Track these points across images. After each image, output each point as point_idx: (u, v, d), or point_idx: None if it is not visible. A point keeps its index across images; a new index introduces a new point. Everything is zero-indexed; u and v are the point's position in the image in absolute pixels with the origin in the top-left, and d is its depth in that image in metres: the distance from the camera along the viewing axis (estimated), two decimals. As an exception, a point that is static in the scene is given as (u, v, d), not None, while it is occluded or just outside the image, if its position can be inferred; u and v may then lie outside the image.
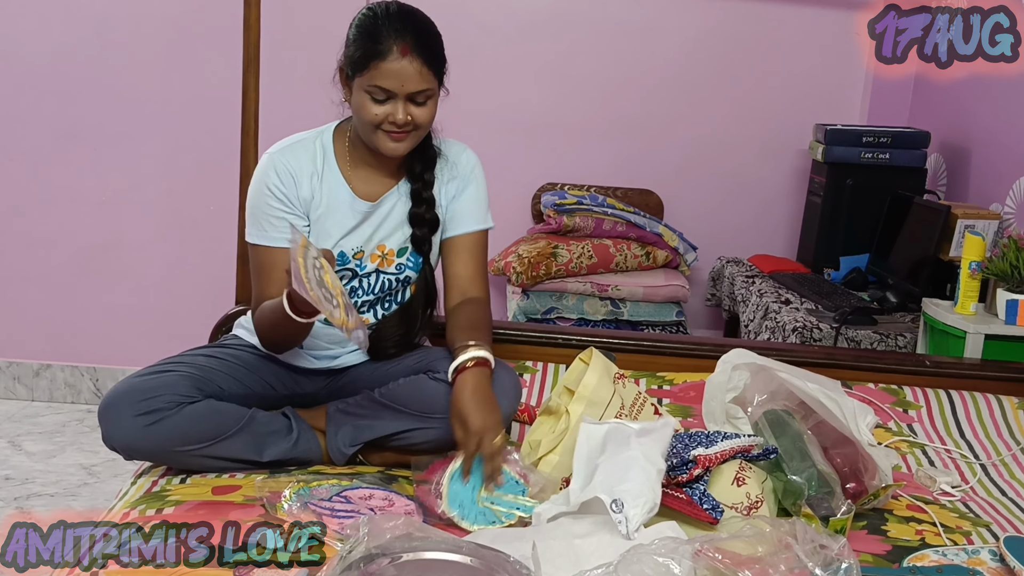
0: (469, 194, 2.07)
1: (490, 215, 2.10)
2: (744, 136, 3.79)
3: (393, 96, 1.87)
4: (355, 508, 1.67)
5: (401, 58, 1.84)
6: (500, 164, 3.63)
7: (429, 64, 1.88)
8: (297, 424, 1.95)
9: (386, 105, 1.88)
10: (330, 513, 1.64)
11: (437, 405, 1.88)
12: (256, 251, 1.98)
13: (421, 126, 1.93)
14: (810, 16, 3.71)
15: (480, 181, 2.08)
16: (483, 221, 2.08)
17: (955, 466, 2.16)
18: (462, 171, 2.07)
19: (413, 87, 1.87)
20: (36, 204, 3.69)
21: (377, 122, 1.89)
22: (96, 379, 3.78)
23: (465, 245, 2.06)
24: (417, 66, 1.86)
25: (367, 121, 1.90)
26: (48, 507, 2.88)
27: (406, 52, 1.85)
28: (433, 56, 1.90)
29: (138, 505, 1.71)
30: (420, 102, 1.90)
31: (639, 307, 3.45)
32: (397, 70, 1.85)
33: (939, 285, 2.91)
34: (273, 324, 1.87)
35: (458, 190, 2.06)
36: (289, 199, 1.96)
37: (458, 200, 2.06)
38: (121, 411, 1.79)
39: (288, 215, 1.95)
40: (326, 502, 1.68)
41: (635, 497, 1.51)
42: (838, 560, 1.36)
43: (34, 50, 3.60)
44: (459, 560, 1.39)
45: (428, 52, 1.88)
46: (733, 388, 1.95)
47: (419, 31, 1.89)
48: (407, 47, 1.85)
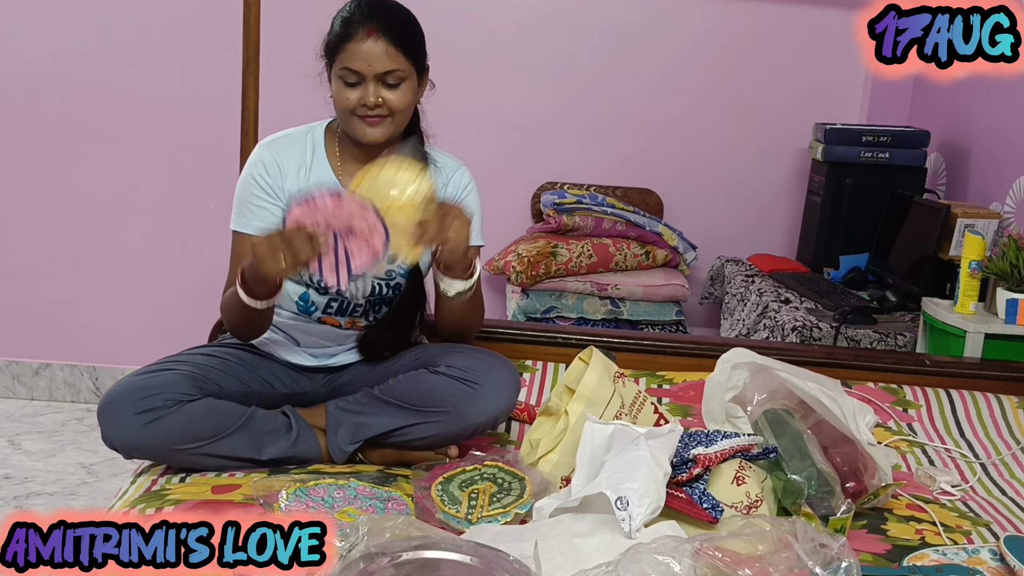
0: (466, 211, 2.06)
1: (480, 234, 2.10)
2: (744, 135, 3.79)
3: (363, 78, 1.90)
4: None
5: (367, 38, 1.89)
6: (500, 163, 3.65)
7: (397, 44, 1.90)
8: (296, 422, 1.95)
9: (357, 89, 1.91)
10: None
11: (437, 399, 1.89)
12: (236, 238, 2.00)
13: (395, 111, 1.93)
14: (810, 16, 3.71)
15: (474, 199, 2.09)
16: (478, 239, 2.09)
17: (955, 465, 2.16)
18: (456, 186, 2.07)
19: (381, 67, 1.89)
20: (36, 204, 3.69)
21: (350, 107, 1.92)
22: (95, 378, 3.78)
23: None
24: (383, 46, 1.89)
25: (342, 107, 1.93)
26: (47, 506, 2.88)
27: (371, 32, 1.89)
28: (402, 38, 1.92)
29: (137, 504, 1.71)
30: (391, 84, 1.91)
31: (639, 306, 3.45)
32: (364, 51, 1.89)
33: (939, 284, 2.91)
34: (235, 309, 1.89)
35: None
36: (273, 190, 1.97)
37: None
38: (120, 410, 1.80)
39: (271, 206, 1.97)
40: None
41: (640, 496, 1.51)
42: (838, 559, 1.36)
43: (34, 50, 3.60)
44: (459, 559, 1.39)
45: (396, 33, 1.91)
46: (733, 387, 1.95)
47: (388, 15, 1.93)
48: (373, 28, 1.89)
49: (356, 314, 2.06)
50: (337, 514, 1.65)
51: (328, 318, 2.05)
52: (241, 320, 1.95)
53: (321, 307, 2.04)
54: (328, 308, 2.04)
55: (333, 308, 2.04)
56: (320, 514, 1.63)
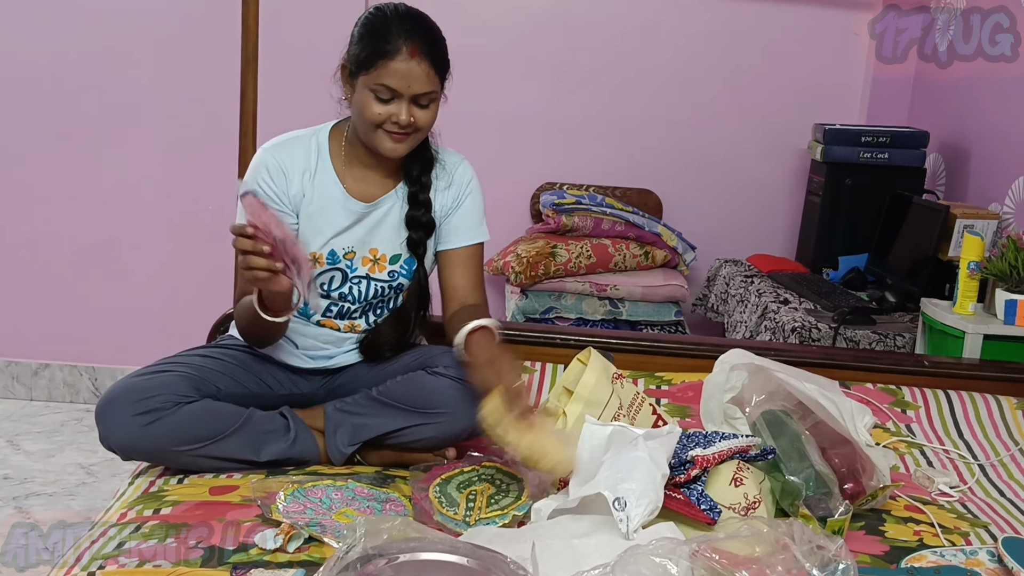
0: (467, 207, 2.07)
1: (486, 227, 2.11)
2: (743, 136, 3.79)
3: (398, 96, 1.88)
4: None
5: (410, 59, 1.85)
6: (499, 163, 3.64)
7: (435, 67, 1.89)
8: (295, 424, 1.95)
9: (390, 105, 1.89)
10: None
11: (436, 400, 1.89)
12: None
13: (422, 129, 1.93)
14: (810, 16, 3.71)
15: (477, 194, 2.09)
16: (480, 234, 2.10)
17: (953, 466, 2.16)
18: (459, 183, 2.07)
19: (419, 88, 1.87)
20: (36, 204, 3.69)
21: (379, 121, 1.90)
22: (95, 379, 3.78)
23: (463, 258, 2.07)
24: (425, 68, 1.87)
25: (369, 120, 1.90)
26: (47, 507, 2.88)
27: (415, 53, 1.86)
28: (440, 60, 1.91)
29: (135, 506, 1.71)
30: (423, 104, 1.91)
31: (638, 307, 3.45)
32: (405, 71, 1.86)
33: (938, 285, 2.91)
34: (249, 320, 1.89)
35: (454, 202, 2.07)
36: (278, 196, 1.97)
37: (456, 213, 2.07)
38: (119, 411, 1.80)
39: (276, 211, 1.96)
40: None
41: (638, 497, 1.51)
42: (835, 561, 1.36)
43: (34, 50, 3.60)
44: (456, 561, 1.39)
45: (435, 55, 1.89)
46: (731, 388, 1.95)
47: (428, 34, 1.91)
48: (416, 48, 1.86)
49: (355, 317, 2.06)
50: (335, 515, 1.66)
51: (327, 321, 2.05)
52: (256, 331, 1.95)
53: (320, 310, 2.04)
54: (327, 312, 2.04)
55: (333, 312, 2.04)
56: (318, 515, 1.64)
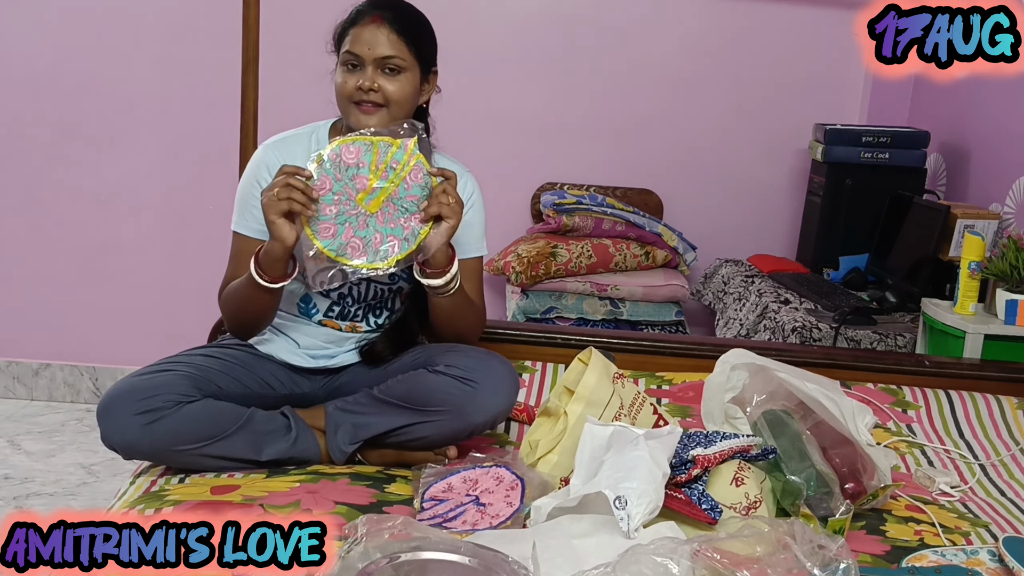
0: (468, 221, 2.06)
1: (485, 242, 2.11)
2: (744, 136, 3.79)
3: (363, 63, 1.92)
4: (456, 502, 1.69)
5: (372, 23, 1.92)
6: (499, 164, 3.65)
7: (401, 33, 1.93)
8: (296, 423, 1.95)
9: (356, 73, 1.93)
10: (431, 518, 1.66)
11: (437, 398, 1.89)
12: (237, 239, 2.01)
13: (391, 101, 1.94)
14: (810, 16, 3.71)
15: (480, 208, 2.09)
16: (480, 248, 2.10)
17: (954, 466, 2.16)
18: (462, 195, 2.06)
19: (382, 52, 1.91)
20: (36, 204, 3.69)
21: (348, 93, 1.94)
22: (95, 378, 3.78)
23: (463, 270, 2.06)
24: (387, 32, 1.92)
25: (341, 95, 1.95)
26: (47, 506, 2.88)
27: (378, 20, 1.93)
28: (407, 28, 1.95)
29: (136, 505, 1.71)
30: (390, 70, 1.93)
31: (638, 307, 3.45)
32: (366, 35, 1.92)
33: (938, 285, 2.91)
34: (244, 297, 1.91)
35: None
36: None
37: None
38: (120, 410, 1.80)
39: None
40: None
41: (639, 496, 1.51)
42: (836, 560, 1.36)
43: (34, 50, 3.60)
44: (457, 560, 1.39)
45: (403, 24, 1.94)
46: (732, 388, 1.95)
47: (396, 6, 1.97)
48: (379, 16, 1.94)
49: (357, 318, 2.06)
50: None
51: (329, 321, 2.05)
52: (245, 311, 1.96)
53: (323, 310, 2.04)
54: (330, 311, 2.05)
55: (335, 312, 2.05)
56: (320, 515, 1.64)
